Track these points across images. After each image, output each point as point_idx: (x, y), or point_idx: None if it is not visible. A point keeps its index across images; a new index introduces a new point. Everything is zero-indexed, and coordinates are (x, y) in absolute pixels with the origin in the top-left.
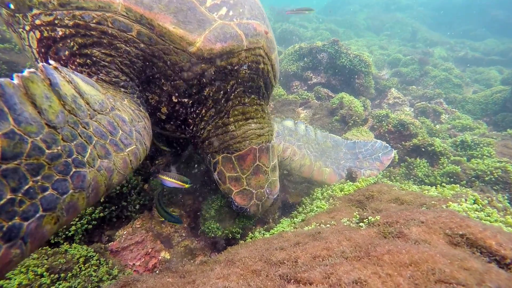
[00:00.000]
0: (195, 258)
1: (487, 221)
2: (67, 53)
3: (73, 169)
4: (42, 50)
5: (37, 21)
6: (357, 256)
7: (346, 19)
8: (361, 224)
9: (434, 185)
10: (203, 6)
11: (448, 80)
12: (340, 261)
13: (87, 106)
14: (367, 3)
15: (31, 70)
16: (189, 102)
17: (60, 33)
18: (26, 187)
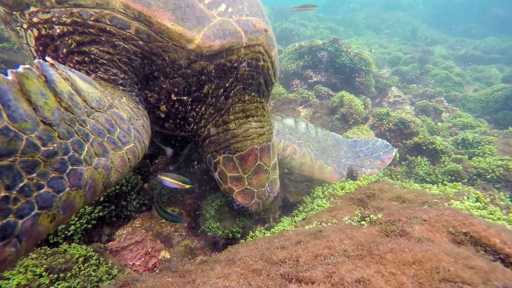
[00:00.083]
0: (195, 257)
1: (490, 219)
2: (65, 51)
3: (70, 167)
4: (40, 48)
5: (34, 19)
6: (359, 254)
7: (346, 17)
8: (362, 222)
9: (435, 184)
10: (201, 3)
11: (449, 79)
12: (342, 260)
13: (84, 103)
14: (367, 2)
15: (26, 66)
16: (189, 100)
17: (58, 31)
18: (21, 184)
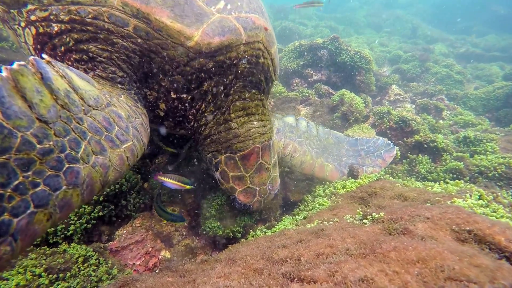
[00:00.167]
0: (196, 257)
1: (494, 217)
2: (63, 49)
3: (66, 165)
4: (38, 47)
5: (32, 17)
6: (362, 253)
7: (346, 16)
8: (364, 221)
9: (437, 182)
10: (200, 0)
11: (449, 77)
12: (345, 259)
13: (81, 101)
14: (366, 0)
15: (21, 63)
16: (188, 98)
17: (56, 29)
18: (16, 182)
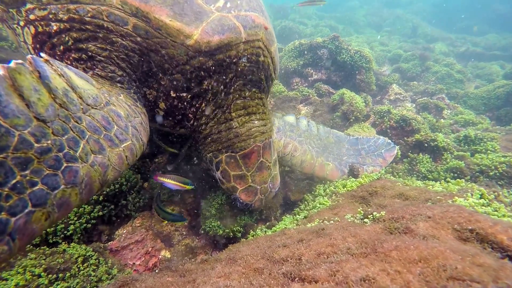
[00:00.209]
0: (196, 256)
1: (495, 216)
2: (62, 48)
3: (65, 164)
4: (37, 46)
5: (31, 16)
6: (363, 252)
7: (345, 15)
8: (365, 220)
9: (437, 181)
10: None
11: (450, 76)
12: (346, 258)
13: (80, 100)
14: (366, 0)
15: (18, 62)
16: (188, 97)
17: (55, 28)
18: (13, 181)
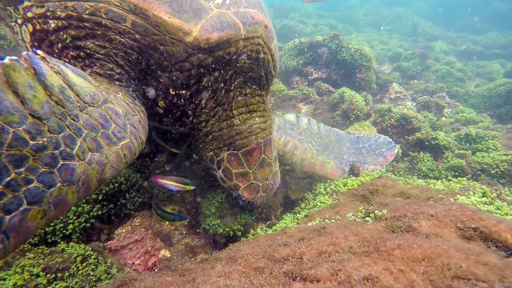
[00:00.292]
0: (196, 256)
1: (498, 214)
2: (60, 46)
3: (61, 162)
4: (36, 44)
5: (29, 14)
6: (365, 251)
7: (345, 14)
8: (367, 218)
9: (439, 179)
10: None
11: (450, 74)
12: (348, 257)
13: (77, 98)
14: None
15: (13, 58)
16: (187, 94)
17: (53, 26)
18: (8, 179)
